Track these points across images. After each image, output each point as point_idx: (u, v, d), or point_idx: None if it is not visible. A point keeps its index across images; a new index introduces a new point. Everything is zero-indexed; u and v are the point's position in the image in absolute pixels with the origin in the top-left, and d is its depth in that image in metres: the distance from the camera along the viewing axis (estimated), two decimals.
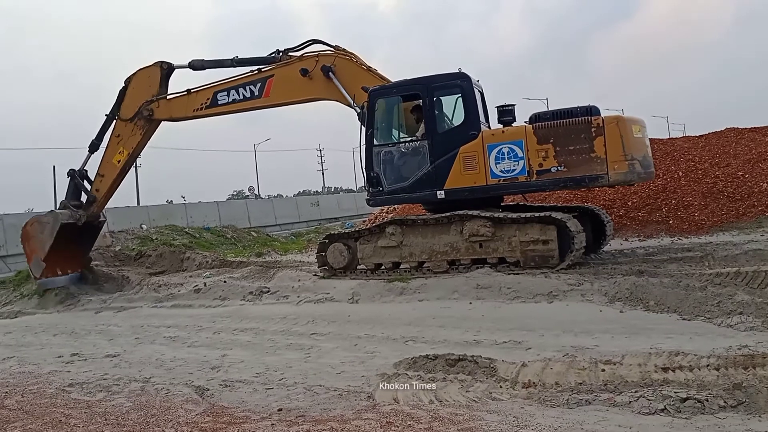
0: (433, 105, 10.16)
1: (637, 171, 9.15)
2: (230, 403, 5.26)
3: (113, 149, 12.75)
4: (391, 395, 4.99)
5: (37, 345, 8.77)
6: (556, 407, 4.43)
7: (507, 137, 9.63)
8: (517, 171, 9.48)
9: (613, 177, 9.01)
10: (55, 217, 12.65)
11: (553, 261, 9.18)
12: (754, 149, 14.42)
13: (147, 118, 12.44)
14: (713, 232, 12.05)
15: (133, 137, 12.62)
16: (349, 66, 11.02)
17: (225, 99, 11.82)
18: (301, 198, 55.67)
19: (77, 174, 13.10)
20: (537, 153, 9.34)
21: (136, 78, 12.63)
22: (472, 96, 9.97)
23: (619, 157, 8.93)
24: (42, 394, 6.11)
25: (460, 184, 9.84)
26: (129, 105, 12.54)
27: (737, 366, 4.74)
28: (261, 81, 11.52)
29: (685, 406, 4.13)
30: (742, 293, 6.95)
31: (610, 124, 9.01)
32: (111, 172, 12.86)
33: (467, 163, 9.78)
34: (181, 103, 12.31)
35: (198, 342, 7.89)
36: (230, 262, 14.53)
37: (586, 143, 9.08)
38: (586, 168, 9.09)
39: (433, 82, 10.18)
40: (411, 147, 10.36)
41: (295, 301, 9.67)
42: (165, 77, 12.58)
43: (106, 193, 13.05)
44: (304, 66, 11.12)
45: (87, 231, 13.29)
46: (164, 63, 12.57)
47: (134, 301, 11.57)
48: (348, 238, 11.12)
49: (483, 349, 6.07)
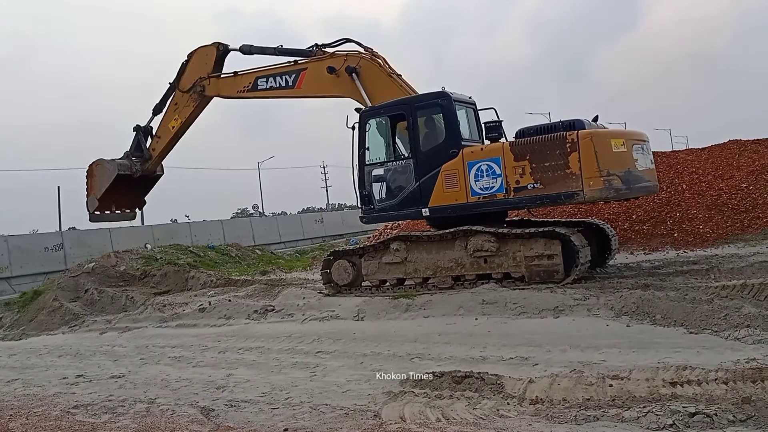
0: (417, 124, 10.27)
1: (615, 187, 8.84)
2: (236, 423, 5.23)
3: (170, 115, 14.10)
4: (397, 413, 4.95)
5: (42, 367, 8.75)
6: (564, 424, 4.40)
7: (485, 155, 9.65)
8: (495, 188, 9.48)
9: (588, 194, 8.81)
10: (114, 166, 14.31)
11: (558, 276, 9.14)
12: (758, 161, 14.41)
13: (200, 93, 13.58)
14: (718, 245, 12.01)
15: (186, 108, 13.84)
16: (373, 70, 11.34)
17: (264, 85, 12.66)
18: (305, 215, 55.76)
19: (141, 130, 14.58)
20: (514, 170, 9.30)
21: (196, 54, 13.75)
22: (452, 114, 10.05)
23: (594, 173, 8.71)
24: (47, 417, 6.09)
25: (443, 202, 9.92)
26: (187, 78, 13.76)
27: (746, 380, 4.69)
28: (296, 72, 12.20)
29: (694, 421, 4.09)
30: (749, 306, 6.90)
31: (584, 139, 8.81)
32: (165, 135, 14.27)
33: (449, 181, 9.84)
34: (228, 83, 13.33)
35: (203, 362, 7.86)
36: (235, 280, 14.52)
37: (561, 159, 8.94)
38: (562, 185, 8.95)
39: (415, 102, 10.37)
40: (398, 166, 10.53)
41: (300, 319, 9.65)
42: (220, 57, 13.62)
43: (160, 153, 14.53)
44: (332, 64, 11.55)
45: (144, 180, 15.05)
46: (221, 44, 13.65)
47: (139, 321, 11.57)
48: (352, 254, 11.13)
49: (489, 365, 6.04)
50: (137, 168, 14.49)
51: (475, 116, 10.80)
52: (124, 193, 14.81)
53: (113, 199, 14.80)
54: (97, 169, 14.57)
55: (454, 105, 10.13)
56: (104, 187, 14.31)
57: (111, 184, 14.29)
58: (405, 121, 10.39)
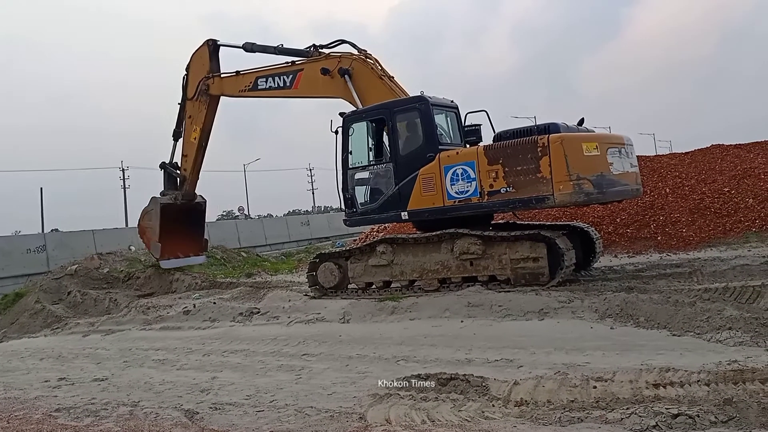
0: (396, 129, 10.33)
1: (585, 191, 8.83)
2: (220, 426, 5.20)
3: (189, 129, 14.37)
4: (383, 416, 4.95)
5: (23, 370, 8.64)
6: (548, 425, 4.42)
7: (460, 158, 9.70)
8: (470, 192, 9.53)
9: (558, 198, 8.83)
10: (155, 201, 14.63)
11: (543, 278, 9.19)
12: (740, 165, 14.59)
13: (205, 92, 13.86)
14: (701, 248, 12.14)
15: (200, 114, 14.08)
16: (364, 71, 11.42)
17: (264, 85, 12.86)
18: (291, 218, 55.46)
19: (167, 164, 14.95)
20: (488, 174, 9.35)
21: (192, 62, 14.11)
22: (429, 119, 10.11)
23: (564, 177, 8.72)
24: (28, 420, 6.01)
25: (420, 206, 9.99)
26: (192, 85, 14.08)
27: (727, 381, 4.75)
28: (293, 73, 12.38)
29: (677, 422, 4.13)
30: (730, 308, 6.98)
31: (555, 143, 8.83)
32: (191, 150, 14.45)
33: (426, 185, 9.91)
34: (230, 82, 13.62)
35: (187, 364, 7.80)
36: (220, 283, 14.46)
37: (533, 163, 8.97)
38: (533, 189, 8.98)
39: (395, 107, 10.43)
40: (379, 170, 10.59)
41: (285, 322, 9.61)
42: (214, 53, 13.93)
43: (192, 170, 14.63)
44: (326, 65, 11.70)
45: (192, 213, 15.24)
46: (210, 40, 13.98)
47: (122, 323, 11.45)
48: (339, 257, 11.13)
49: (475, 367, 6.05)
50: (176, 194, 14.70)
51: (458, 120, 10.84)
52: (182, 235, 14.92)
53: (177, 247, 14.94)
54: (144, 220, 14.89)
55: (432, 109, 10.18)
56: (157, 226, 14.40)
57: (164, 222, 14.36)
58: (385, 125, 10.45)
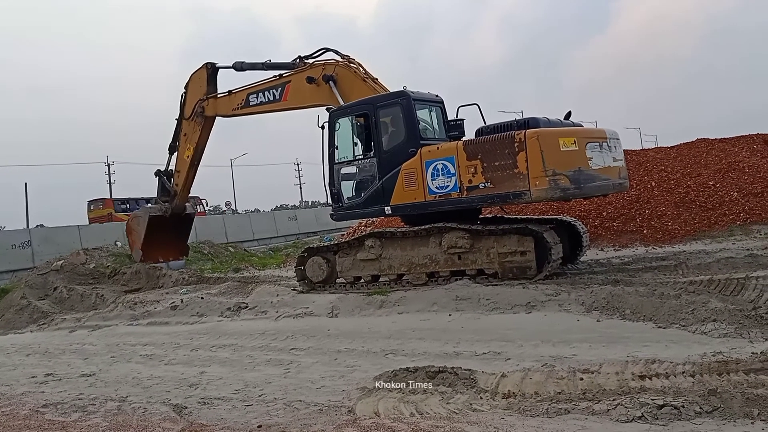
0: (380, 124, 10.35)
1: (561, 187, 8.76)
2: (209, 420, 5.19)
3: (183, 147, 14.78)
4: (371, 409, 4.97)
5: (10, 366, 8.56)
6: (535, 417, 4.46)
7: (441, 154, 9.71)
8: (450, 187, 9.55)
9: (534, 194, 8.82)
10: (145, 211, 15.49)
11: (530, 272, 9.24)
12: (724, 159, 14.76)
13: (201, 114, 14.20)
14: (686, 241, 12.27)
15: (195, 133, 14.45)
16: (348, 75, 11.55)
17: (255, 101, 13.14)
18: (278, 212, 55.24)
19: (162, 173, 15.39)
20: (467, 169, 9.36)
21: (191, 82, 14.47)
22: (411, 114, 10.11)
23: (540, 173, 8.70)
24: (15, 416, 5.97)
25: (403, 201, 10.03)
26: (189, 105, 14.45)
27: (712, 372, 4.81)
28: (281, 86, 12.63)
29: (662, 413, 4.18)
30: (715, 301, 7.07)
31: (531, 138, 8.80)
32: (183, 166, 14.90)
33: (408, 180, 9.94)
34: (224, 102, 13.92)
35: (175, 359, 7.78)
36: (207, 278, 14.39)
37: (510, 159, 8.96)
38: (510, 184, 8.98)
39: (377, 102, 10.46)
40: (364, 165, 10.62)
41: (273, 317, 9.60)
42: (211, 76, 14.23)
43: (183, 186, 15.09)
44: (310, 74, 11.86)
45: (180, 223, 15.69)
46: (209, 64, 14.28)
47: (109, 319, 11.39)
48: (327, 251, 11.13)
49: (463, 360, 6.08)
50: (167, 207, 15.16)
51: (443, 114, 10.85)
52: (166, 242, 15.44)
53: (159, 251, 15.46)
54: (132, 222, 15.64)
55: (414, 104, 10.18)
56: (142, 234, 15.06)
57: (150, 231, 14.98)
58: (369, 120, 10.46)
